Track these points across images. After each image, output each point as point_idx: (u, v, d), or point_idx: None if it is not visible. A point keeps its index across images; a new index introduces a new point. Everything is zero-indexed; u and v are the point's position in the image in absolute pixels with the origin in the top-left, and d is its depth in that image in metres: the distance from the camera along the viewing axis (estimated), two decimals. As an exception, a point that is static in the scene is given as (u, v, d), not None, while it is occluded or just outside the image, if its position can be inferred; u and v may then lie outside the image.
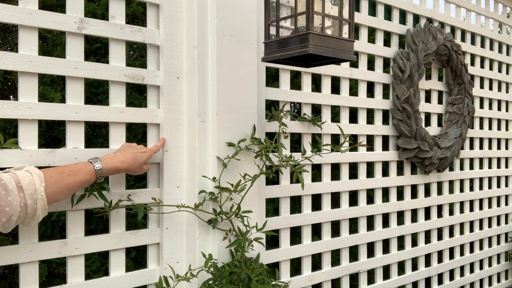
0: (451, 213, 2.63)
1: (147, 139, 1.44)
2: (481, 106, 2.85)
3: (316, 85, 2.30)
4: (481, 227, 2.86)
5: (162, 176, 1.43)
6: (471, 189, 2.80)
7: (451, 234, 2.64)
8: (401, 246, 2.33)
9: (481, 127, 2.87)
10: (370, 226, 2.21)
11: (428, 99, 2.50)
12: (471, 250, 2.78)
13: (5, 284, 1.87)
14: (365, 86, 2.13)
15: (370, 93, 2.27)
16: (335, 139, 2.18)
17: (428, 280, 2.48)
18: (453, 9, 2.62)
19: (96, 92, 1.96)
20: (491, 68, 2.90)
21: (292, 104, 2.45)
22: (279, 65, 1.66)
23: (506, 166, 3.04)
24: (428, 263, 2.47)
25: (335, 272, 1.97)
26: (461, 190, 2.71)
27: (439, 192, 2.54)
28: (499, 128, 2.97)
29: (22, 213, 1.04)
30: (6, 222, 1.03)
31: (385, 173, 2.28)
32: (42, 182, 1.07)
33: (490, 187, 2.92)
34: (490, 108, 2.90)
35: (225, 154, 1.48)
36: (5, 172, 1.07)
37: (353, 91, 2.22)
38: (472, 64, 2.75)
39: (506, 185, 3.04)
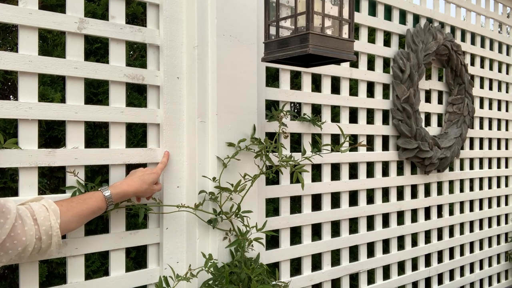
0: (451, 213, 2.63)
1: (147, 139, 1.44)
2: (481, 106, 2.85)
3: (316, 85, 2.30)
4: (481, 227, 2.86)
5: (162, 176, 1.43)
6: (471, 189, 2.80)
7: (451, 234, 2.64)
8: (401, 246, 2.33)
9: (481, 127, 2.86)
10: (370, 226, 2.21)
11: (428, 99, 2.50)
12: (471, 250, 2.78)
13: (5, 284, 1.87)
14: (365, 86, 2.13)
15: (370, 93, 2.27)
16: (335, 139, 2.18)
17: (428, 280, 2.48)
18: (453, 9, 2.62)
19: (96, 92, 1.96)
20: (491, 68, 2.90)
21: (292, 104, 2.45)
22: (279, 65, 1.66)
23: (506, 166, 3.04)
24: (428, 263, 2.47)
25: (335, 272, 1.97)
26: (461, 190, 2.71)
27: (439, 192, 2.54)
28: (499, 128, 2.97)
29: (37, 245, 1.06)
30: (22, 252, 1.03)
31: (385, 173, 2.28)
32: (57, 219, 1.09)
33: (490, 187, 2.92)
34: (490, 108, 2.90)
35: (225, 154, 1.48)
36: (21, 205, 1.08)
37: (353, 91, 2.22)
38: (472, 64, 2.75)
39: (506, 185, 3.04)
